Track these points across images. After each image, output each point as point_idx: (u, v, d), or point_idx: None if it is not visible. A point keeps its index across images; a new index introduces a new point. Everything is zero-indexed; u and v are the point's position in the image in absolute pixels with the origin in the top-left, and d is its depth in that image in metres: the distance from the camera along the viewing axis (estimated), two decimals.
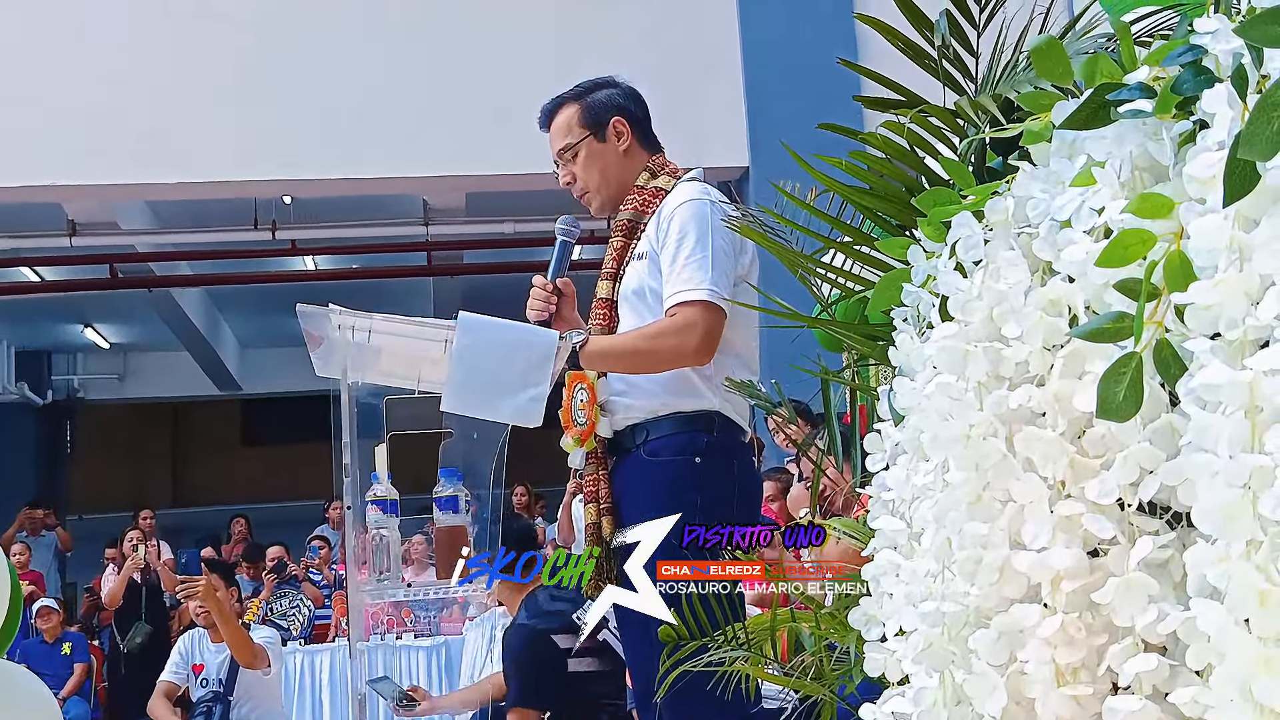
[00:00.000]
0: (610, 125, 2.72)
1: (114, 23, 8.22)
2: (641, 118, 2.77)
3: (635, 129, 2.74)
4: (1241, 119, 0.78)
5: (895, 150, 1.36)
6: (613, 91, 2.77)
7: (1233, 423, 0.75)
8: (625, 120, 2.72)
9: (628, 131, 2.72)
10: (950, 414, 0.98)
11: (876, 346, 1.42)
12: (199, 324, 13.29)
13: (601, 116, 2.72)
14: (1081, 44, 1.29)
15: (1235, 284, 0.77)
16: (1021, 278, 0.97)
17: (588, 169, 2.73)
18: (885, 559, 1.13)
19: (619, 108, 2.74)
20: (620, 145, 2.72)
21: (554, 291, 2.69)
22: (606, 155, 2.72)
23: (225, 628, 5.57)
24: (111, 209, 9.58)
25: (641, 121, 2.77)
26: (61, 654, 8.60)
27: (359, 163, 8.23)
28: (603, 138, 2.72)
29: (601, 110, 2.73)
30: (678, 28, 8.15)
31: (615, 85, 2.79)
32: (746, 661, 1.85)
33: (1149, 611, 0.83)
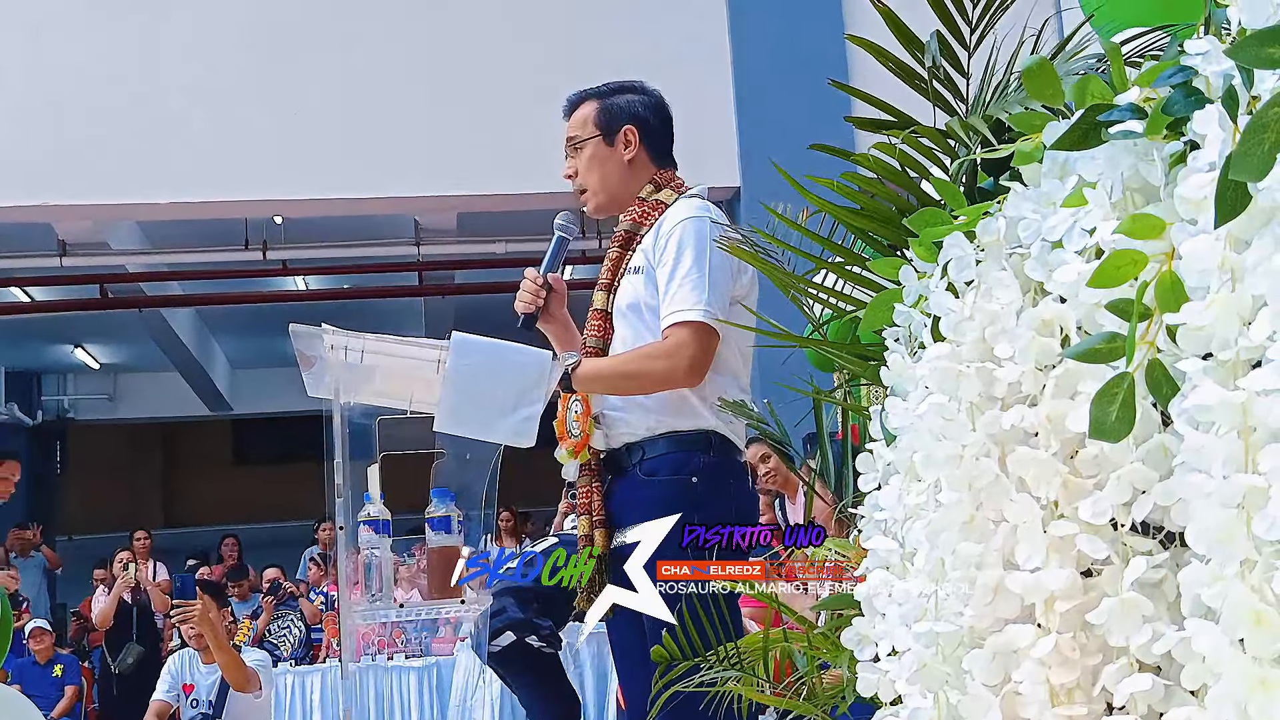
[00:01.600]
0: (621, 132, 2.71)
1: (103, 44, 8.23)
2: (657, 130, 2.75)
3: (646, 141, 2.73)
4: (1232, 140, 0.78)
5: (886, 171, 1.36)
6: (635, 98, 2.76)
7: (1226, 443, 0.75)
8: (637, 130, 2.72)
9: (636, 142, 2.71)
10: (943, 434, 0.98)
11: (868, 366, 1.42)
12: (190, 344, 13.27)
13: (615, 121, 2.72)
14: (1072, 65, 1.30)
15: (1227, 304, 0.77)
16: (1013, 298, 0.97)
17: (589, 168, 2.74)
18: (878, 579, 1.13)
19: (634, 116, 2.73)
20: (626, 154, 2.71)
21: (544, 285, 2.69)
22: (610, 160, 2.72)
23: (219, 653, 5.56)
24: (102, 229, 9.57)
25: (656, 134, 2.75)
26: (53, 676, 8.56)
27: (350, 183, 8.24)
28: (611, 142, 2.72)
29: (617, 115, 2.73)
30: (669, 48, 8.17)
31: (642, 93, 2.78)
32: (739, 681, 1.85)
33: (1143, 632, 0.83)
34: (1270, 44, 0.75)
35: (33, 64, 8.13)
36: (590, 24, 8.48)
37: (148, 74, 8.17)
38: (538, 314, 2.69)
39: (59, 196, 8.16)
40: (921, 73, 1.44)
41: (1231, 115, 0.80)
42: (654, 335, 2.57)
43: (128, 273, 10.51)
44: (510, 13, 8.53)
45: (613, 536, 2.54)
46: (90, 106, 8.07)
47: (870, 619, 1.14)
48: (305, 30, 8.40)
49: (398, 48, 8.37)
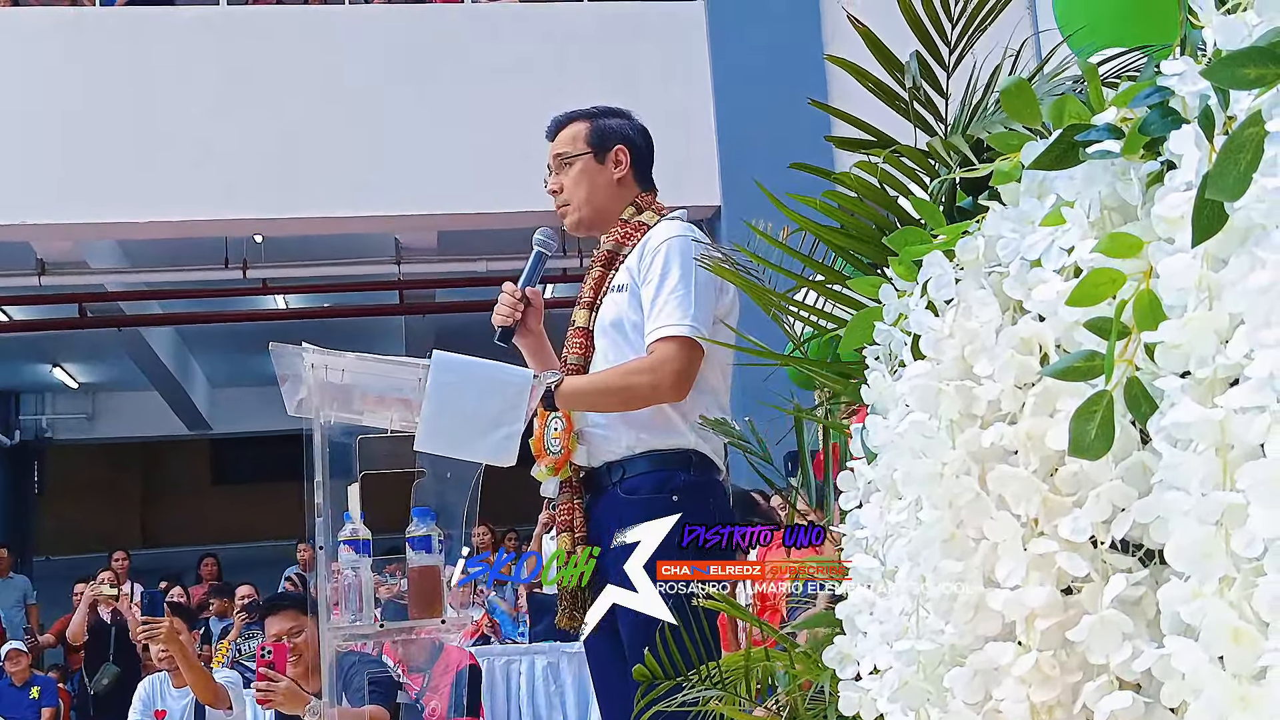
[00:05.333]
0: (613, 151, 2.75)
1: (83, 64, 8.21)
2: (644, 154, 2.81)
3: (635, 163, 2.78)
4: (1209, 160, 0.79)
5: (867, 189, 1.37)
6: (624, 122, 2.82)
7: (1204, 460, 0.75)
8: (628, 151, 2.76)
9: (627, 162, 2.75)
10: (923, 452, 0.98)
11: (849, 384, 1.42)
12: (169, 363, 13.21)
13: (607, 141, 2.76)
14: (1050, 86, 1.30)
15: (1205, 322, 0.77)
16: (992, 316, 0.97)
17: (577, 184, 2.76)
18: (859, 597, 1.13)
19: (626, 138, 2.78)
20: (616, 173, 2.75)
21: (521, 299, 2.70)
22: (599, 178, 2.75)
23: (187, 671, 5.50)
24: (81, 248, 9.54)
25: (643, 158, 2.81)
26: (30, 698, 8.49)
27: (330, 201, 8.23)
28: (602, 160, 2.75)
29: (609, 135, 2.77)
30: (650, 68, 8.20)
31: (628, 118, 2.84)
32: (721, 701, 1.84)
33: (1123, 649, 0.83)
34: (1245, 65, 0.75)
35: (11, 83, 8.11)
36: (571, 43, 8.50)
37: (127, 92, 8.15)
38: (515, 327, 2.70)
39: (37, 215, 8.13)
40: (901, 93, 1.44)
41: (1208, 135, 0.80)
42: (635, 352, 2.58)
43: (107, 291, 10.48)
44: (491, 33, 8.55)
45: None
46: (69, 125, 8.05)
47: (852, 637, 1.14)
48: (285, 49, 8.40)
49: (378, 67, 8.37)
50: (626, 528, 2.50)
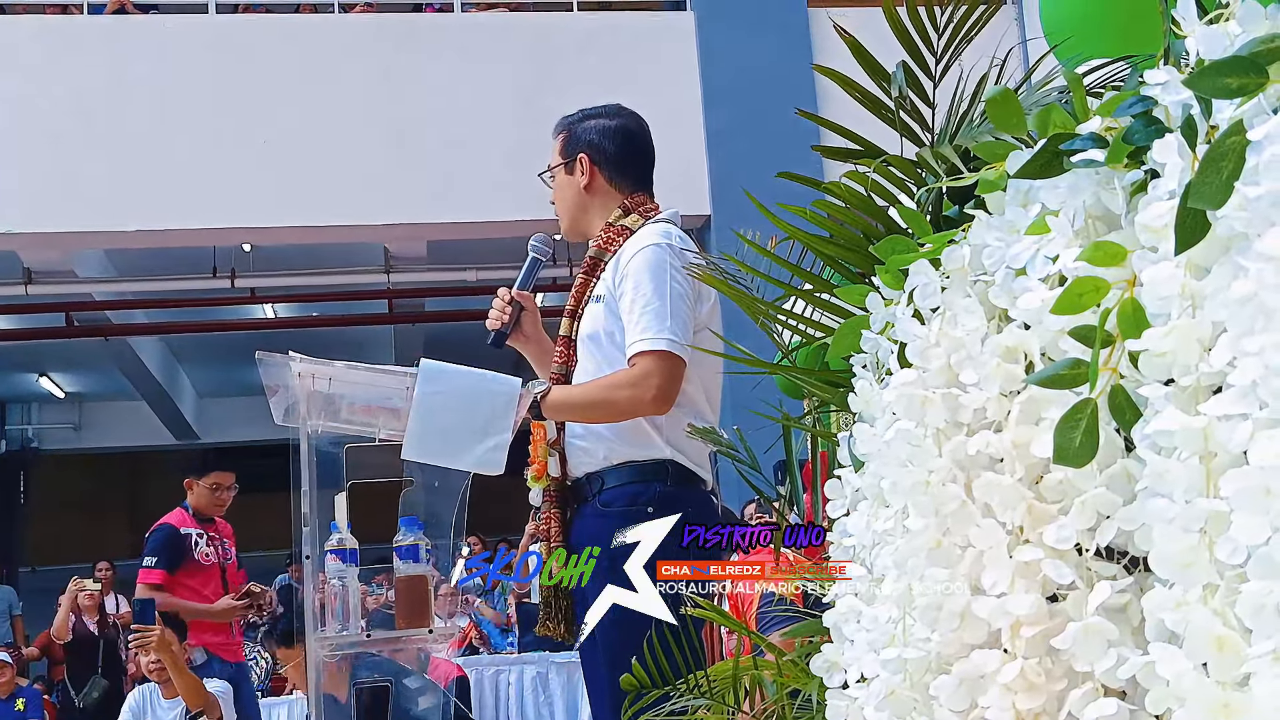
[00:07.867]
0: (577, 160, 2.72)
1: (69, 72, 8.20)
2: (615, 155, 2.73)
3: (604, 168, 2.72)
4: (1191, 169, 0.79)
5: (856, 199, 1.37)
6: (597, 124, 2.75)
7: (1187, 468, 0.75)
8: (589, 157, 2.71)
9: (589, 169, 2.72)
10: (909, 460, 0.98)
11: (837, 393, 1.42)
12: (156, 373, 13.18)
13: (573, 150, 2.74)
14: (1036, 96, 1.31)
15: (1188, 331, 0.78)
16: (978, 325, 0.98)
17: (558, 195, 2.78)
18: (847, 605, 1.13)
19: (589, 144, 2.72)
20: (581, 181, 2.72)
21: (511, 302, 2.69)
22: (568, 188, 2.75)
23: (178, 677, 5.50)
24: (68, 257, 9.52)
25: (615, 159, 2.73)
26: (15, 710, 8.44)
27: (319, 210, 8.23)
28: (570, 170, 2.74)
29: (575, 144, 2.74)
30: (639, 77, 8.21)
31: (610, 117, 2.77)
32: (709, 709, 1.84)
33: (1108, 656, 0.83)
34: (1227, 74, 0.76)
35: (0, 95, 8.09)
36: (560, 53, 8.51)
37: (114, 102, 8.14)
38: (507, 331, 2.69)
39: (25, 224, 8.11)
40: (888, 102, 1.45)
41: (1190, 144, 0.81)
42: (613, 365, 2.56)
43: (94, 301, 10.45)
44: (481, 43, 8.56)
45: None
46: (56, 134, 8.03)
47: (839, 645, 1.14)
48: (274, 59, 8.39)
49: (367, 76, 8.38)
50: (601, 541, 2.49)
